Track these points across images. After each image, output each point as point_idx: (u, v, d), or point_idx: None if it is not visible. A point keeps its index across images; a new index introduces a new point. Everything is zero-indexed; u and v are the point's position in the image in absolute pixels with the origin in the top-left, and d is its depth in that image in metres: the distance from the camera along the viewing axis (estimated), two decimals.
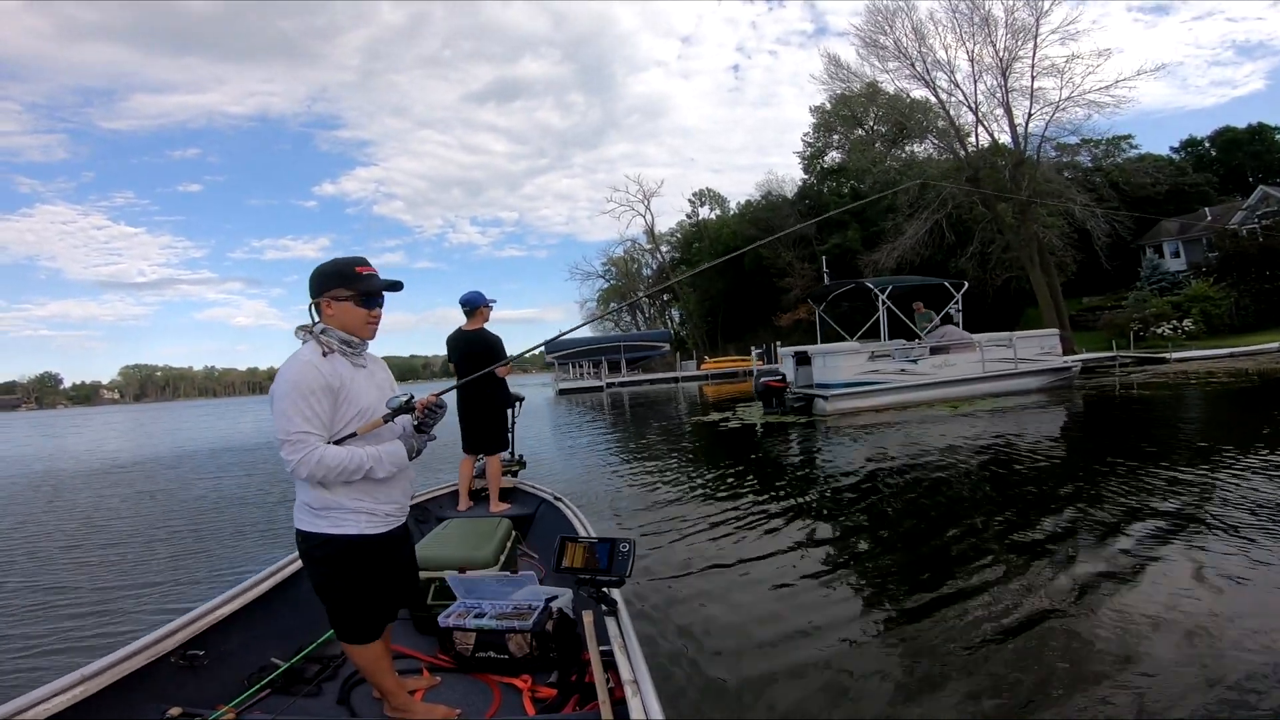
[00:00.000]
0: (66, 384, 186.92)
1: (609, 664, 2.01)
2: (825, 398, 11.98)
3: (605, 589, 2.31)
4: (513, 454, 5.22)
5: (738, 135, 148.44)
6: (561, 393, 34.65)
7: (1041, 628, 3.06)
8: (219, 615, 2.38)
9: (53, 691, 1.78)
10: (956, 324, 13.47)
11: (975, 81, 26.15)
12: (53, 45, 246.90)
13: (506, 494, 4.70)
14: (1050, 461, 7.00)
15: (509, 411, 5.04)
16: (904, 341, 12.95)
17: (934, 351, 12.84)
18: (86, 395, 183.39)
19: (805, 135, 45.29)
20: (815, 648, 3.10)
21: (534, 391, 39.57)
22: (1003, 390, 12.87)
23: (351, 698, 2.26)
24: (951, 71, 26.56)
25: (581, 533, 3.37)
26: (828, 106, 39.85)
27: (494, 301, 4.63)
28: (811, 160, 45.52)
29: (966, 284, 13.71)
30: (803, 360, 13.37)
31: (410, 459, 2.09)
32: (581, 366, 41.52)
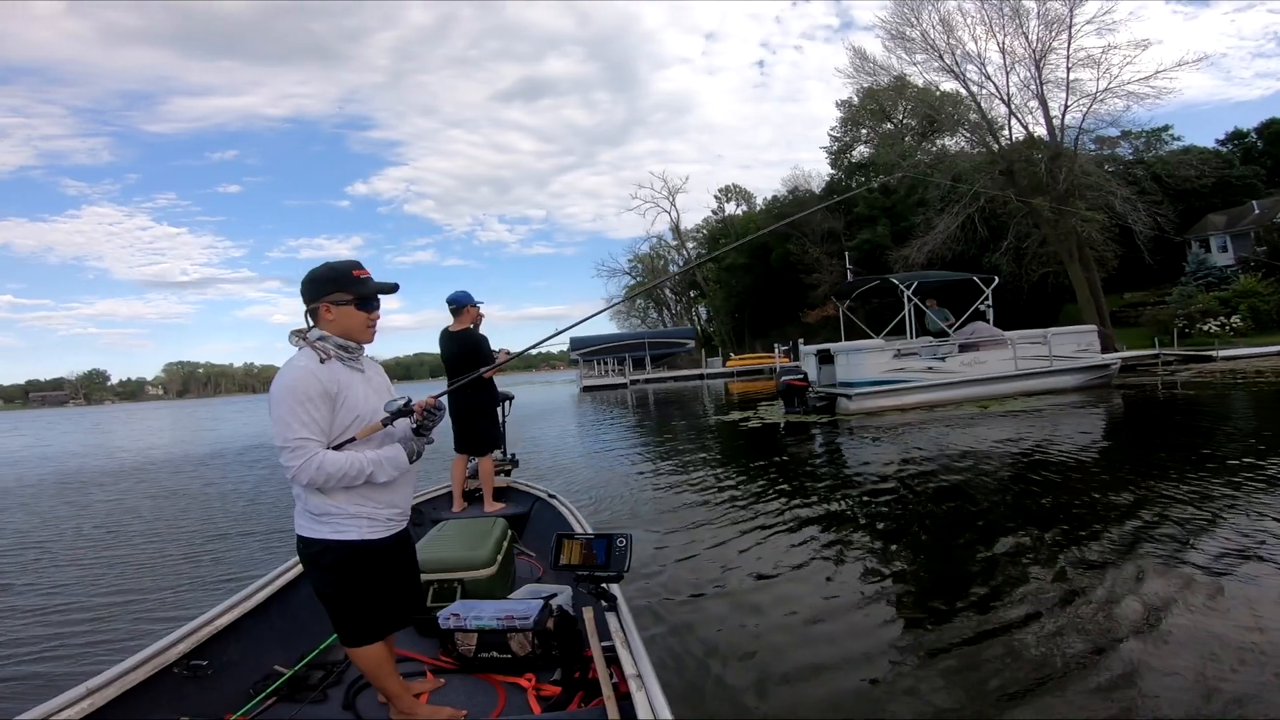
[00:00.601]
0: (113, 380, 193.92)
1: (611, 659, 2.02)
2: (849, 397, 11.69)
3: (604, 585, 2.32)
4: (505, 453, 5.20)
5: (765, 131, 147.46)
6: (586, 389, 34.79)
7: (1075, 651, 2.83)
8: (220, 624, 2.37)
9: (61, 705, 1.77)
10: (987, 320, 13.03)
11: (1007, 73, 25.32)
12: (95, 49, 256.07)
13: (500, 493, 4.69)
14: (1085, 464, 6.69)
15: (499, 410, 5.02)
16: (931, 339, 12.57)
17: (963, 349, 12.44)
18: (132, 391, 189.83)
19: (832, 130, 44.52)
20: (825, 647, 3.06)
21: (558, 389, 39.70)
22: (1036, 389, 12.42)
23: (357, 702, 2.24)
24: (982, 63, 25.76)
25: (577, 529, 3.38)
26: (855, 100, 39.09)
27: (481, 303, 4.61)
28: (839, 155, 44.74)
29: (998, 279, 13.23)
30: (825, 358, 13.07)
31: (410, 462, 2.05)
32: (606, 364, 41.52)
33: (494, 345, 4.62)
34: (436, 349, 4.73)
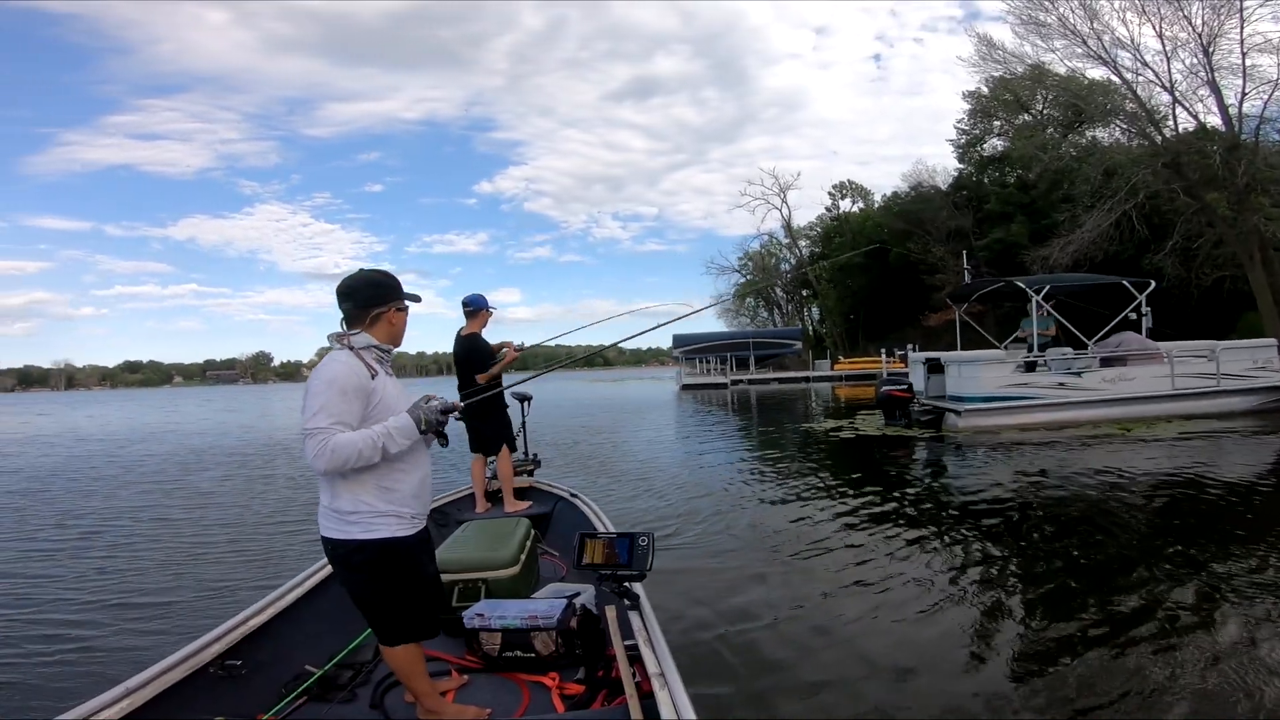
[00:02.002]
0: (275, 362, 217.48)
1: (634, 658, 2.02)
2: (958, 412, 10.49)
3: (627, 584, 2.34)
4: (526, 453, 5.23)
5: (884, 126, 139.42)
6: (685, 388, 34.24)
7: None
8: (253, 625, 2.42)
9: (99, 706, 1.80)
10: (1140, 330, 11.28)
11: (1168, 59, 22.17)
12: (259, 58, 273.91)
13: (523, 493, 4.71)
14: (1254, 504, 5.53)
15: (520, 409, 5.11)
16: (1068, 350, 11.05)
17: (1105, 363, 10.84)
18: (290, 372, 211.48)
19: (959, 122, 41.10)
20: (859, 659, 2.98)
21: (658, 386, 39.55)
22: (1197, 411, 10.59)
23: (385, 702, 2.27)
24: (1137, 49, 22.74)
25: (600, 529, 3.38)
26: (984, 91, 35.87)
27: (495, 309, 4.72)
28: (967, 148, 41.23)
29: (1154, 284, 11.43)
30: (935, 368, 11.87)
31: (420, 430, 2.02)
32: (709, 362, 40.77)
33: (545, 339, 4.83)
34: (554, 341, 5.17)
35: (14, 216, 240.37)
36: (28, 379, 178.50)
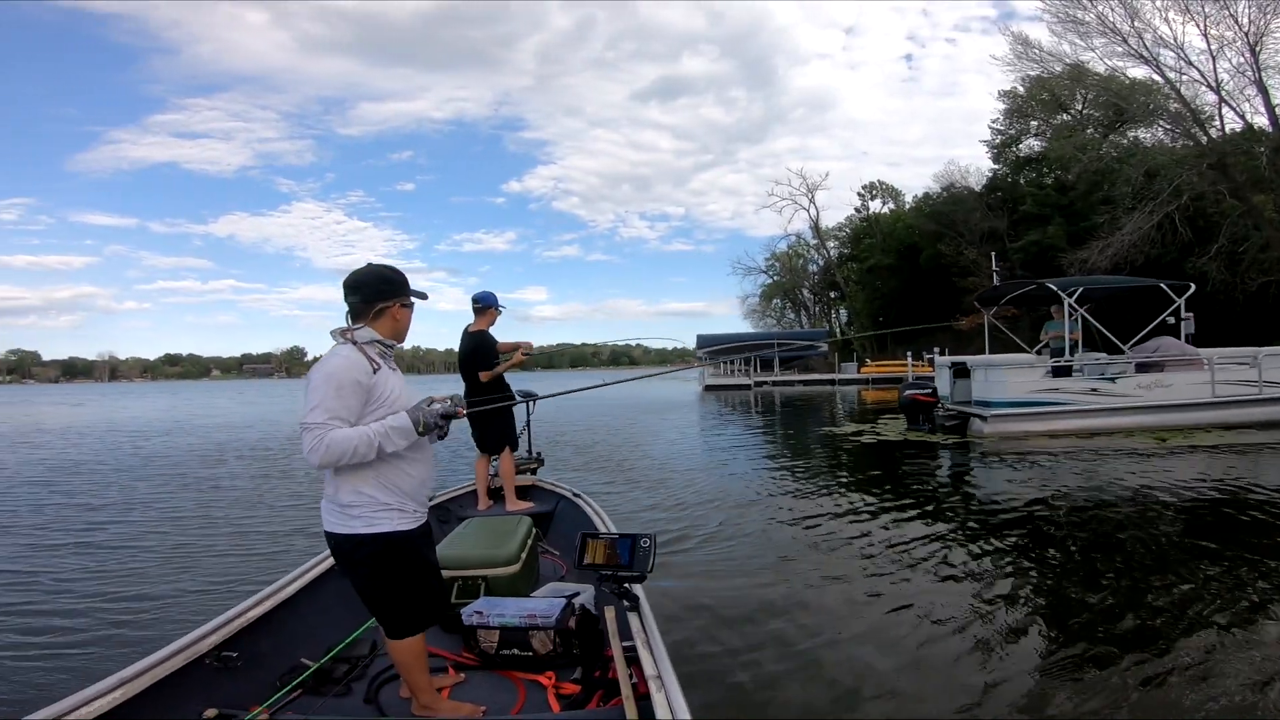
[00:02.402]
0: (309, 356, 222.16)
1: (632, 659, 2.01)
2: (984, 418, 10.17)
3: (627, 585, 2.33)
4: (530, 452, 5.21)
5: (916, 127, 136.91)
6: (708, 389, 34.01)
7: None
8: (251, 617, 2.41)
9: (93, 695, 1.80)
10: (1179, 335, 10.83)
11: (1214, 59, 21.39)
12: (296, 58, 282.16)
13: (525, 492, 4.69)
14: None
15: (525, 408, 5.09)
16: (1102, 354, 10.65)
17: (1141, 368, 10.43)
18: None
19: (994, 122, 40.09)
20: (858, 667, 2.94)
21: (682, 387, 39.35)
22: (1238, 421, 10.12)
23: (380, 697, 2.28)
24: (1180, 48, 22.00)
25: (602, 529, 3.37)
26: (1021, 90, 34.97)
27: (504, 308, 4.68)
28: (1002, 149, 40.20)
29: (1193, 287, 10.95)
30: (961, 372, 11.54)
31: (419, 432, 2.01)
32: (733, 363, 40.45)
33: (590, 339, 4.60)
34: (580, 340, 4.91)
35: (62, 213, 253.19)
36: (72, 370, 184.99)
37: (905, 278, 44.80)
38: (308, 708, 2.20)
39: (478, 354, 4.48)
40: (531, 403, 5.09)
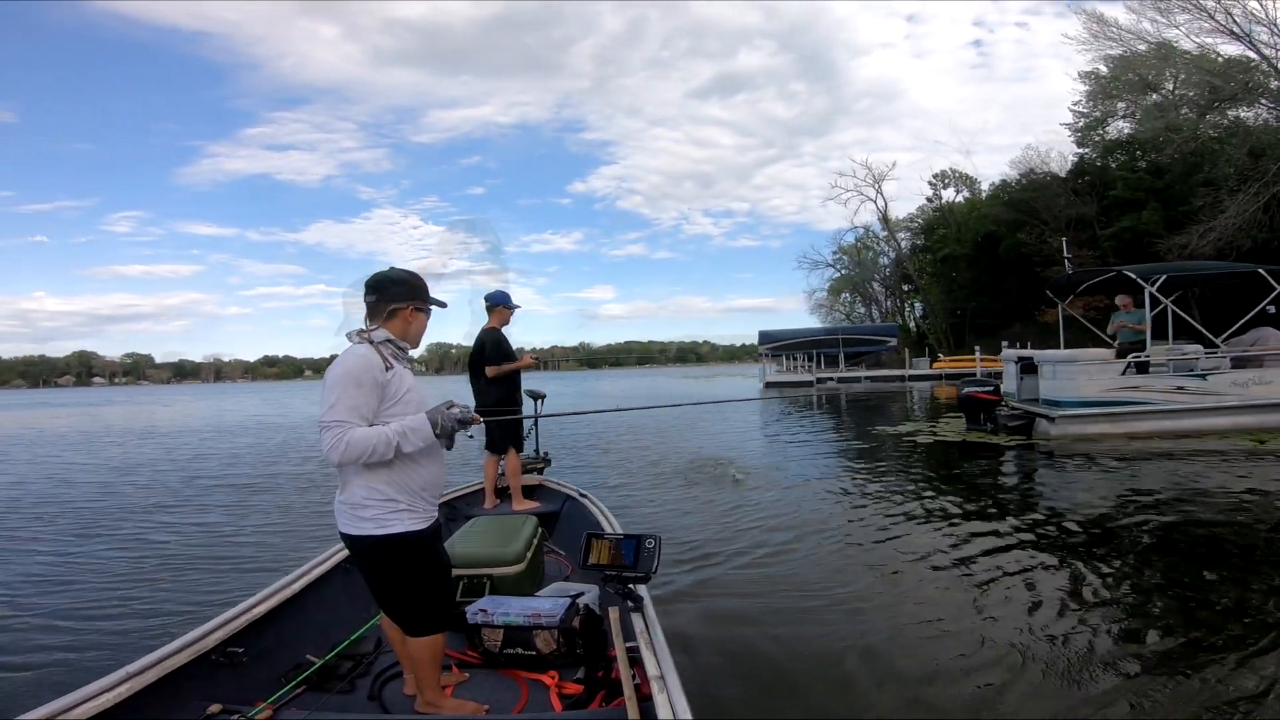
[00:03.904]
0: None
1: (635, 660, 2.03)
2: (1052, 418, 9.47)
3: (631, 585, 2.34)
4: (537, 451, 5.24)
5: (989, 113, 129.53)
6: (769, 385, 33.29)
7: None
8: (257, 613, 2.44)
9: (99, 689, 1.82)
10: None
11: None
12: (369, 70, 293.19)
13: (532, 491, 4.73)
14: None
15: (533, 407, 5.15)
16: (1196, 346, 9.69)
17: (1238, 363, 9.47)
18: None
19: (1075, 105, 37.37)
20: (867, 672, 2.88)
21: (742, 384, 38.85)
22: None
23: (383, 694, 2.31)
24: (1273, 24, 19.91)
25: (607, 529, 3.40)
26: (1103, 70, 32.44)
27: (518, 306, 4.75)
28: (1086, 132, 37.43)
29: None
30: (1029, 368, 10.81)
31: (435, 434, 2.05)
32: (795, 359, 39.40)
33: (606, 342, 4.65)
34: (646, 337, 5.00)
35: (170, 224, 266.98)
36: (182, 372, 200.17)
37: (983, 268, 42.61)
38: (312, 704, 2.21)
39: (487, 349, 4.57)
40: (540, 402, 5.17)
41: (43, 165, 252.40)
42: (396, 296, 2.14)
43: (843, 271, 59.69)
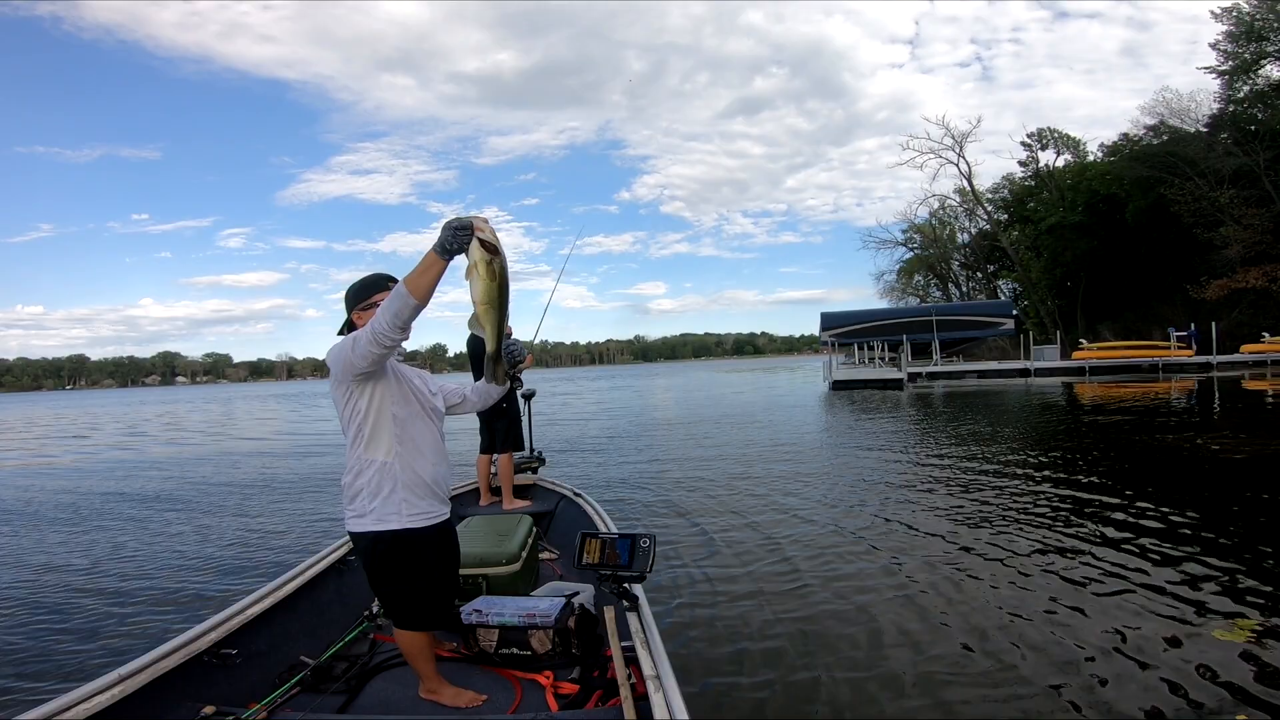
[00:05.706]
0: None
1: (631, 659, 1.99)
2: None
3: (627, 584, 2.31)
4: (531, 451, 5.15)
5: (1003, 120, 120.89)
6: (837, 385, 25.11)
7: None
8: (250, 614, 2.38)
9: (92, 691, 1.77)
10: None
11: None
12: (438, 108, 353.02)
13: (526, 491, 4.74)
14: None
15: (525, 407, 5.13)
16: None
17: None
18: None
19: (1216, 43, 30.19)
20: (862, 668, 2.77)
21: (805, 385, 32.56)
22: None
23: (378, 695, 2.23)
24: None
25: (601, 528, 3.35)
26: (1244, 6, 25.69)
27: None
28: (1236, 75, 30.07)
29: None
30: None
31: (438, 253, 1.83)
32: (872, 349, 31.71)
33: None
34: (701, 331, 3.31)
35: (272, 239, 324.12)
36: (257, 370, 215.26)
37: (1103, 237, 35.67)
38: (306, 705, 2.15)
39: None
40: (528, 401, 5.20)
41: (175, 193, 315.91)
42: (358, 298, 2.20)
43: (915, 250, 52.63)
